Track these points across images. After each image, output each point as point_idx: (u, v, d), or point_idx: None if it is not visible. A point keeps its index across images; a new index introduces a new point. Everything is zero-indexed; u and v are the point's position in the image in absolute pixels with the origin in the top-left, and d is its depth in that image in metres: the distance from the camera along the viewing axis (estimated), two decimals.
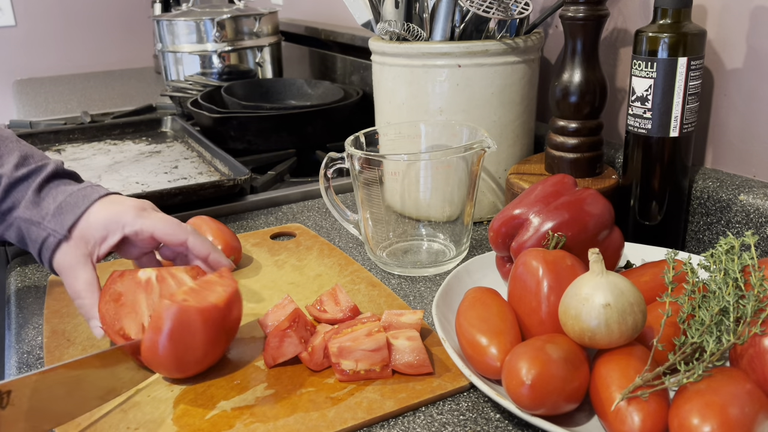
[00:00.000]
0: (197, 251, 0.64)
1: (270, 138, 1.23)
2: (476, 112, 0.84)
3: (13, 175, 0.62)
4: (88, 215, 0.62)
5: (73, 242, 0.61)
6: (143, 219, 0.62)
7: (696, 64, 0.69)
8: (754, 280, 0.49)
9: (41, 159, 0.65)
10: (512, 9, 0.81)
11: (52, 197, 0.62)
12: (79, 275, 0.61)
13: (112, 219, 0.62)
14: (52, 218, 0.61)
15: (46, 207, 0.62)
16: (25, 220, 0.61)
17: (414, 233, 0.84)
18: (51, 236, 0.61)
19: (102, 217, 0.62)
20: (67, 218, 0.61)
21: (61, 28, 2.83)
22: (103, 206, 0.62)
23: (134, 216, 0.62)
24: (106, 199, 0.63)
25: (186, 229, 0.64)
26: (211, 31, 1.58)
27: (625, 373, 0.49)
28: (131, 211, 0.62)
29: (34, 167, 0.63)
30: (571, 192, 0.64)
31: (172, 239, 0.63)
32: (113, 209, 0.62)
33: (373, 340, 0.57)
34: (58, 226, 0.61)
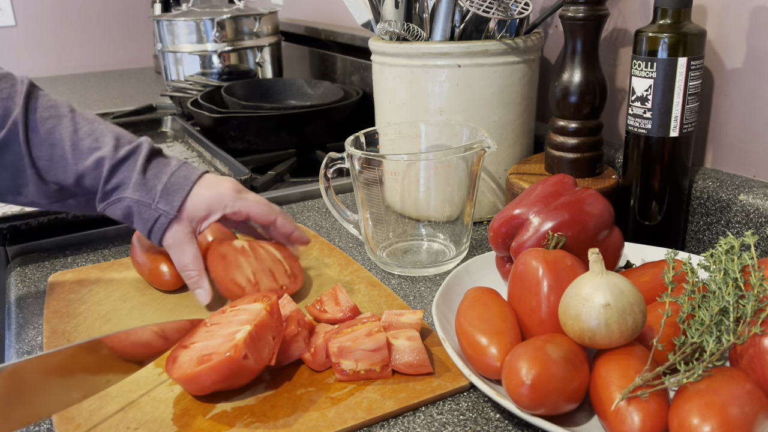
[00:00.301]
0: (284, 229, 0.73)
1: (270, 138, 1.23)
2: (476, 112, 0.84)
3: (114, 156, 0.66)
4: (192, 196, 0.68)
5: (181, 221, 0.67)
6: (241, 201, 0.69)
7: (696, 64, 0.69)
8: (754, 280, 0.49)
9: (130, 138, 0.70)
10: (512, 9, 0.81)
11: (157, 178, 0.67)
12: (187, 250, 0.68)
13: (215, 200, 0.68)
14: (161, 199, 0.67)
15: (154, 188, 0.67)
16: (136, 201, 0.66)
17: (414, 233, 0.84)
18: (162, 216, 0.67)
19: (205, 198, 0.68)
20: (176, 199, 0.67)
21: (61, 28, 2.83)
22: (204, 187, 0.68)
23: (233, 198, 0.69)
24: (204, 180, 0.69)
25: (275, 209, 0.72)
26: (211, 31, 1.58)
27: (625, 373, 0.49)
28: (230, 193, 0.69)
29: (130, 148, 0.68)
30: (571, 192, 0.64)
31: (265, 219, 0.71)
32: (214, 191, 0.69)
33: (373, 340, 0.57)
34: (168, 206, 0.67)
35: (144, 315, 0.70)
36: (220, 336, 0.56)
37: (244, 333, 0.54)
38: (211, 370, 0.52)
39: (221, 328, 0.57)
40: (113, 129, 0.69)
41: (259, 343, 0.55)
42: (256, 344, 0.55)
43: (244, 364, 0.53)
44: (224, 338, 0.55)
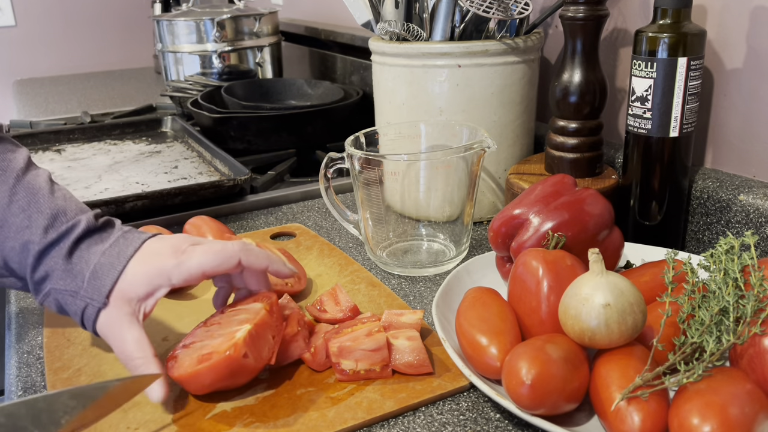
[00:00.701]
0: (255, 267, 0.59)
1: (270, 138, 1.23)
2: (476, 112, 0.85)
3: (42, 241, 0.56)
4: (125, 275, 0.56)
5: (114, 305, 0.56)
6: (186, 262, 0.57)
7: (696, 64, 0.69)
8: (754, 280, 0.49)
9: (74, 215, 0.59)
10: (512, 9, 0.81)
11: (85, 261, 0.57)
12: (126, 337, 0.55)
13: (154, 275, 0.56)
14: (88, 285, 0.56)
15: (80, 274, 0.56)
16: (61, 291, 0.56)
17: (414, 233, 0.84)
18: (89, 306, 0.56)
19: (142, 273, 0.56)
20: (104, 283, 0.56)
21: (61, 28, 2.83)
22: (141, 261, 0.57)
23: (175, 263, 0.56)
24: (143, 251, 0.58)
25: (234, 251, 0.58)
26: (211, 31, 1.58)
27: (625, 373, 0.49)
28: (171, 259, 0.57)
29: (64, 229, 0.57)
30: (571, 192, 0.64)
31: (225, 268, 0.58)
32: (152, 263, 0.57)
33: (373, 340, 0.57)
34: (95, 293, 0.56)
35: None
36: (220, 335, 0.56)
37: (244, 332, 0.54)
38: (210, 369, 0.52)
39: (221, 328, 0.57)
40: (56, 204, 0.59)
41: (258, 342, 0.55)
42: (255, 343, 0.55)
43: (243, 362, 0.53)
44: (224, 337, 0.55)
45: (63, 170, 1.17)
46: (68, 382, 0.59)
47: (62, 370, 0.60)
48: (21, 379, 0.60)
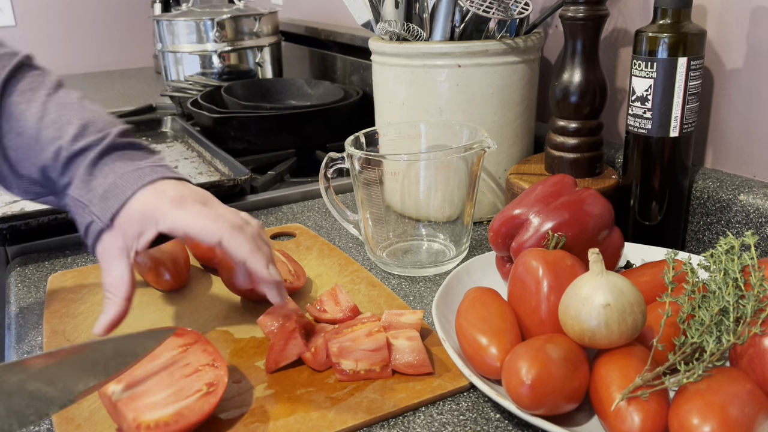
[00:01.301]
0: (233, 255, 0.57)
1: (270, 138, 1.23)
2: (476, 112, 0.84)
3: (70, 147, 0.58)
4: (130, 205, 0.56)
5: (114, 232, 0.57)
6: (176, 214, 0.56)
7: (696, 64, 0.69)
8: (754, 280, 0.49)
9: (103, 127, 0.60)
10: (512, 9, 0.81)
11: (103, 176, 0.57)
12: (112, 269, 0.56)
13: (147, 213, 0.56)
14: (99, 202, 0.57)
15: (95, 188, 0.57)
16: (75, 200, 0.58)
17: (414, 233, 0.84)
18: (95, 223, 0.57)
19: (139, 210, 0.56)
20: (111, 205, 0.56)
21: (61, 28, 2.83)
22: (145, 195, 0.57)
23: (167, 210, 0.56)
24: (154, 186, 0.57)
25: (220, 228, 0.56)
26: (211, 31, 1.58)
27: (625, 373, 0.49)
28: (167, 204, 0.56)
29: (92, 139, 0.58)
30: (571, 192, 0.64)
31: (205, 240, 0.56)
32: (151, 201, 0.56)
33: (373, 340, 0.57)
34: (102, 212, 0.56)
35: (144, 315, 0.70)
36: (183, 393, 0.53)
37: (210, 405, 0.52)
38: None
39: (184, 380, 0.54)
40: (85, 115, 0.60)
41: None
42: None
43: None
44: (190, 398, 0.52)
45: None
46: None
47: None
48: None
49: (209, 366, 0.55)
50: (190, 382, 0.53)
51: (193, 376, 0.53)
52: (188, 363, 0.55)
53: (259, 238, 0.59)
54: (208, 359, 0.55)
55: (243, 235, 0.57)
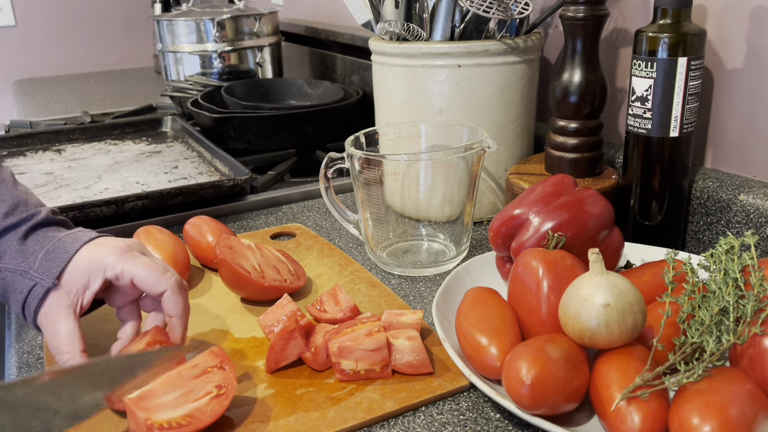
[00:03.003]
0: (168, 308, 0.58)
1: (270, 138, 1.23)
2: (476, 112, 0.84)
3: (1, 224, 0.58)
4: (75, 260, 0.57)
5: (59, 292, 0.56)
6: (125, 262, 0.57)
7: (696, 64, 0.69)
8: (754, 280, 0.49)
9: (34, 207, 0.61)
10: (512, 9, 0.81)
11: (39, 244, 0.58)
12: (59, 329, 0.56)
13: (95, 262, 0.57)
14: (40, 266, 0.56)
15: (33, 254, 0.57)
16: (11, 270, 0.57)
17: (414, 233, 0.84)
18: (38, 285, 0.56)
19: (85, 262, 0.57)
20: (56, 264, 0.56)
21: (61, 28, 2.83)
22: (89, 249, 0.58)
23: (116, 258, 0.57)
24: (95, 242, 0.59)
25: (168, 281, 0.58)
26: (211, 31, 1.58)
27: (625, 373, 0.49)
28: (114, 252, 0.57)
29: (24, 216, 0.59)
30: (571, 192, 0.64)
31: (150, 288, 0.57)
32: (96, 252, 0.58)
33: (373, 340, 0.57)
34: (46, 272, 0.56)
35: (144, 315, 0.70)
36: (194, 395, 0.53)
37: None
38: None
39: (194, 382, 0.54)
40: (19, 196, 0.61)
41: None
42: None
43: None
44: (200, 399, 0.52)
45: (63, 170, 1.17)
46: None
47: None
48: None
49: (217, 368, 0.55)
50: (200, 383, 0.53)
51: (202, 378, 0.53)
52: (196, 364, 0.55)
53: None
54: (216, 361, 0.55)
55: (183, 294, 0.59)
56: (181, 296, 0.58)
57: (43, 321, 0.56)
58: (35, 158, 1.25)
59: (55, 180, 1.12)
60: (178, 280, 0.59)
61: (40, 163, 1.22)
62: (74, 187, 1.07)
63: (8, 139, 1.31)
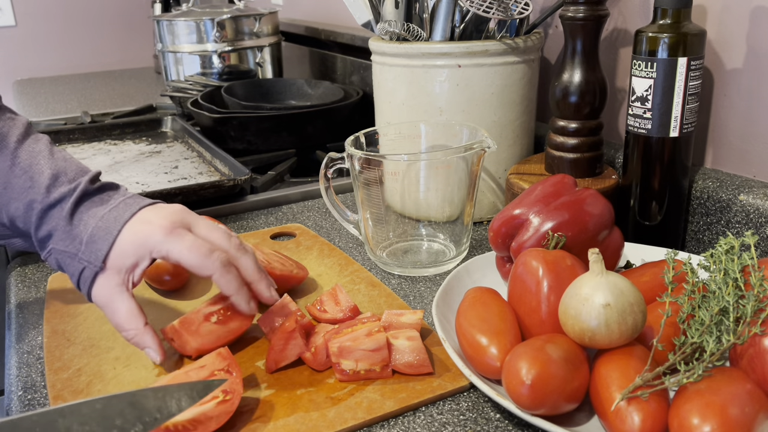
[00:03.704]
0: (222, 289, 0.59)
1: (270, 138, 1.23)
2: (476, 112, 0.84)
3: (45, 200, 0.58)
4: (119, 241, 0.57)
5: (108, 273, 0.58)
6: (171, 243, 0.57)
7: (696, 64, 0.69)
8: (754, 280, 0.49)
9: (74, 176, 0.61)
10: (512, 9, 0.81)
11: (84, 224, 0.58)
12: (118, 307, 0.58)
13: (140, 243, 0.57)
14: (86, 248, 0.57)
15: (79, 235, 0.58)
16: (61, 252, 0.58)
17: (414, 233, 0.84)
18: (87, 269, 0.58)
19: (130, 242, 0.57)
20: (101, 247, 0.57)
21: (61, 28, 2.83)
22: (133, 228, 0.58)
23: (161, 239, 0.57)
24: (137, 218, 0.58)
25: (215, 263, 0.57)
26: (211, 31, 1.58)
27: (625, 373, 0.49)
28: (159, 232, 0.57)
29: (65, 190, 0.59)
30: (571, 192, 0.64)
31: (198, 272, 0.58)
32: (141, 231, 0.58)
33: (373, 340, 0.57)
34: (92, 256, 0.57)
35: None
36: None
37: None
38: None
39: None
40: (56, 165, 0.61)
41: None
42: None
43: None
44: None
45: None
46: (68, 382, 0.59)
47: (62, 370, 0.60)
48: (21, 379, 0.61)
49: (224, 371, 0.55)
50: None
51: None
52: (204, 365, 0.55)
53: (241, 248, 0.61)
54: (223, 364, 0.55)
55: (232, 273, 0.59)
56: (231, 275, 0.58)
57: (99, 301, 0.58)
58: None
59: None
60: (225, 261, 0.58)
61: None
62: None
63: None
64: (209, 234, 0.60)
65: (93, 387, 0.58)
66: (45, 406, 0.57)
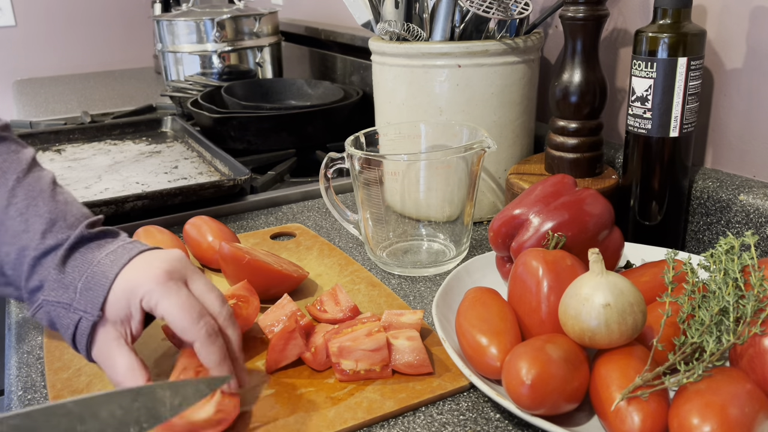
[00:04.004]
0: (202, 359, 0.53)
1: (270, 138, 1.23)
2: (476, 112, 0.85)
3: (39, 246, 0.53)
4: (114, 289, 0.52)
5: (106, 325, 0.52)
6: (161, 295, 0.52)
7: (696, 64, 0.69)
8: (754, 280, 0.49)
9: (74, 220, 0.55)
10: (512, 9, 0.81)
11: (78, 271, 0.53)
12: (116, 363, 0.52)
13: (131, 291, 0.52)
14: (81, 297, 0.52)
15: (73, 283, 0.52)
16: (53, 303, 0.52)
17: (414, 233, 0.84)
18: (83, 319, 0.52)
19: (122, 290, 0.52)
20: (98, 294, 0.52)
21: (61, 28, 2.83)
22: (126, 275, 0.53)
23: (152, 289, 0.52)
24: (132, 265, 0.53)
25: (201, 331, 0.51)
26: (211, 31, 1.58)
27: (625, 373, 0.49)
28: (151, 281, 0.52)
29: (62, 237, 0.54)
30: (571, 192, 0.64)
31: (181, 335, 0.52)
32: (133, 278, 0.52)
33: (373, 340, 0.57)
34: (89, 305, 0.52)
35: None
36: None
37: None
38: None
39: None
40: (56, 208, 0.55)
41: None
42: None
43: None
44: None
45: (63, 170, 1.17)
46: (68, 382, 0.59)
47: (62, 370, 0.60)
48: (21, 379, 0.61)
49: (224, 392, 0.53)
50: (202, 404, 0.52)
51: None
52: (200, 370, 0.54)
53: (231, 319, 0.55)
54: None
55: (216, 344, 0.52)
56: (215, 346, 0.52)
57: (98, 356, 0.53)
58: None
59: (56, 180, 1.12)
60: (210, 331, 0.52)
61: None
62: (74, 188, 1.07)
63: None
64: (204, 294, 0.54)
65: (93, 387, 0.58)
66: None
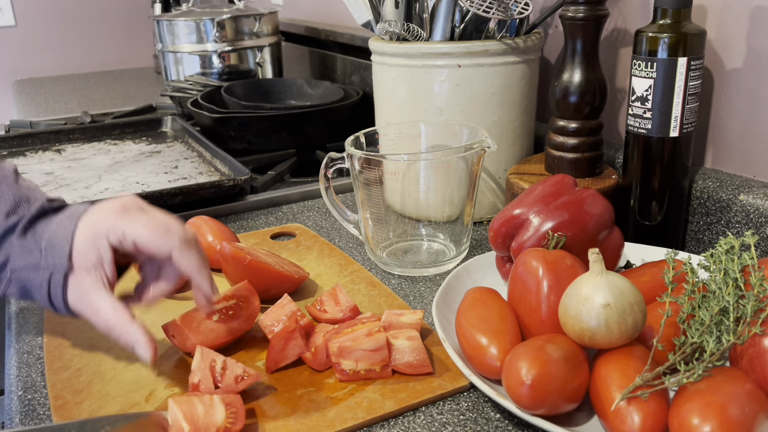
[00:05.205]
0: (183, 268, 0.54)
1: (270, 138, 1.23)
2: (476, 112, 0.85)
3: (2, 225, 0.55)
4: (77, 238, 0.54)
5: (78, 274, 0.54)
6: (124, 223, 0.53)
7: (696, 64, 0.69)
8: (754, 280, 0.49)
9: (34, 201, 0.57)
10: (512, 9, 0.81)
11: (39, 235, 0.55)
12: (99, 306, 0.53)
13: (94, 232, 0.53)
14: (47, 254, 0.53)
15: (38, 244, 0.54)
16: (21, 269, 0.54)
17: (414, 233, 0.84)
18: (54, 273, 0.54)
19: (86, 236, 0.53)
20: (62, 246, 0.53)
21: (61, 28, 2.83)
22: (86, 220, 0.55)
23: (114, 221, 0.53)
24: (89, 212, 0.55)
25: (174, 238, 0.53)
26: (211, 31, 1.58)
27: (625, 373, 0.49)
28: (110, 215, 0.54)
29: (23, 213, 0.56)
30: (571, 192, 0.64)
31: (155, 250, 0.53)
32: (93, 220, 0.54)
33: (373, 340, 0.57)
34: (56, 259, 0.53)
35: (143, 315, 0.70)
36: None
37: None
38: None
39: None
40: (20, 192, 0.57)
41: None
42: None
43: None
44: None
45: (63, 170, 1.17)
46: (68, 382, 0.59)
47: (62, 370, 0.60)
48: (21, 379, 0.61)
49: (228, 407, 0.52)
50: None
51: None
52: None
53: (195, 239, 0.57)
54: (228, 399, 0.53)
55: (193, 249, 0.55)
56: (190, 252, 0.54)
57: (79, 307, 0.54)
58: (35, 158, 1.25)
59: (55, 180, 1.12)
60: (183, 237, 0.54)
61: (40, 163, 1.22)
62: (74, 187, 1.07)
63: (8, 139, 1.31)
64: (164, 216, 0.56)
65: (93, 387, 0.58)
66: (45, 406, 0.57)
